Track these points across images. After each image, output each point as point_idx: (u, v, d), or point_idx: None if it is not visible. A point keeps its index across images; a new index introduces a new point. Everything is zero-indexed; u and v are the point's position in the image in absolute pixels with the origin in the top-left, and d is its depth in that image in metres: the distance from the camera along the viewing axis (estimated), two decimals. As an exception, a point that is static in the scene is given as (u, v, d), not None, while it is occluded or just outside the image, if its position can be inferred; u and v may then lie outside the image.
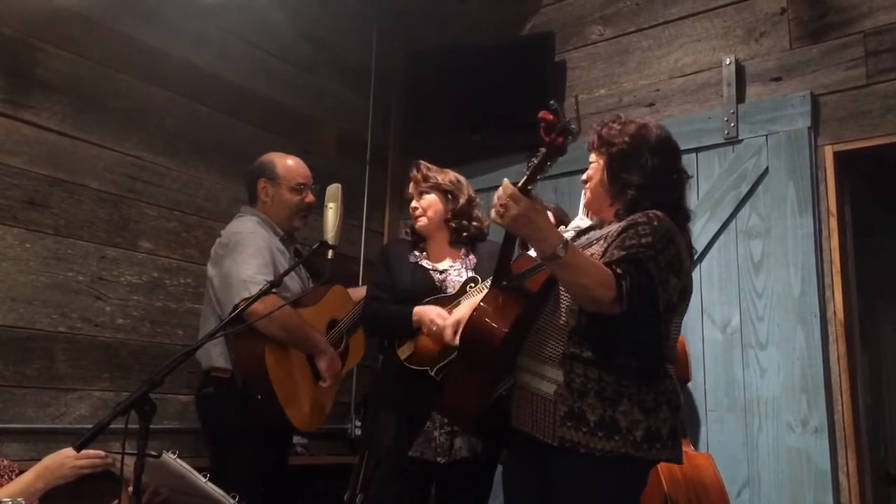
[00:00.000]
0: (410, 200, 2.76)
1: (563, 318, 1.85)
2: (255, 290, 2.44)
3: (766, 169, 3.07)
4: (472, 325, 1.89)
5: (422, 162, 2.76)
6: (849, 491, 2.77)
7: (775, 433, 2.88)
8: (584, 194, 2.07)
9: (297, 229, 2.88)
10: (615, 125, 1.98)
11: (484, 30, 4.04)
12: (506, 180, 1.72)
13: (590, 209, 2.10)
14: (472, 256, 2.67)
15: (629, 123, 1.98)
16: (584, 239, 2.04)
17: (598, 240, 1.93)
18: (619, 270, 1.73)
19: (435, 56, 3.98)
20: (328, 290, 2.87)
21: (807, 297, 2.90)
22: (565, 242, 1.69)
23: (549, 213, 2.02)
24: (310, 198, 2.85)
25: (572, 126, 1.69)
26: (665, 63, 3.47)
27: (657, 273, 1.76)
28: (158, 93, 3.15)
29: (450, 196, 2.69)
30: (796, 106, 3.05)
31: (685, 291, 1.90)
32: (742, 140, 3.16)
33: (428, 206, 2.69)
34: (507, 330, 1.83)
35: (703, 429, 3.04)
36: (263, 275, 2.53)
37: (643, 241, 1.77)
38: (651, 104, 3.47)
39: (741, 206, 3.11)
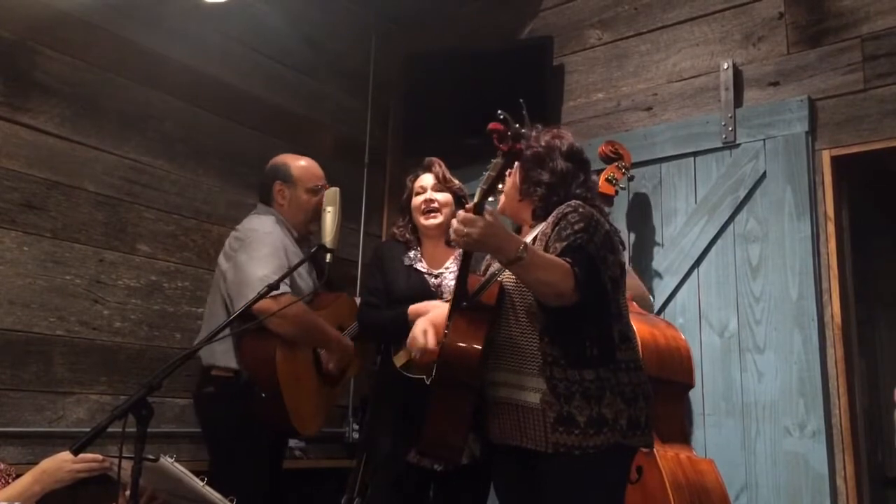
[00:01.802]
0: (419, 194, 2.66)
1: (526, 325, 1.90)
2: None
3: (764, 173, 3.08)
4: (447, 354, 1.89)
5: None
6: (846, 495, 2.77)
7: (773, 437, 2.88)
8: (500, 200, 2.14)
9: (311, 232, 2.87)
10: (531, 133, 2.09)
11: (482, 34, 4.04)
12: (460, 212, 1.77)
13: (504, 211, 2.16)
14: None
15: (546, 132, 2.10)
16: None
17: (530, 242, 1.95)
18: (568, 260, 1.80)
19: (433, 60, 3.98)
20: (336, 298, 2.87)
21: (804, 301, 2.90)
22: (524, 245, 1.74)
23: None
24: None
25: (524, 131, 1.75)
26: (663, 67, 3.48)
27: (596, 253, 1.85)
28: (157, 96, 3.15)
29: (463, 201, 2.69)
30: (794, 110, 3.05)
31: (623, 266, 1.98)
32: (740, 144, 3.16)
33: (447, 203, 2.63)
34: (481, 350, 1.85)
35: (700, 433, 3.04)
36: (279, 275, 2.52)
37: (576, 227, 1.87)
38: (649, 108, 3.48)
39: (739, 211, 3.12)
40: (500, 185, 1.80)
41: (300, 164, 2.84)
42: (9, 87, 2.71)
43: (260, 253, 2.57)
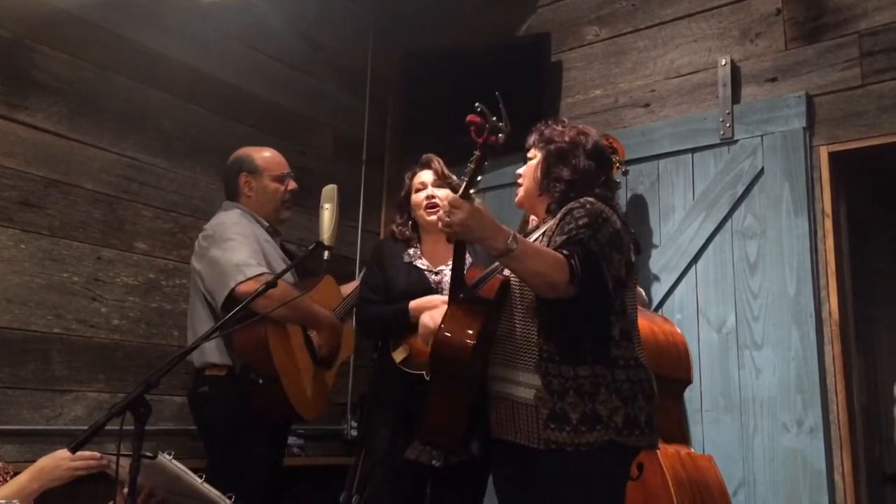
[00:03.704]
0: (419, 190, 2.64)
1: (526, 320, 1.89)
2: (250, 273, 2.46)
3: (762, 169, 3.08)
4: (440, 344, 1.88)
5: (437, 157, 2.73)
6: (844, 491, 2.77)
7: (771, 433, 2.89)
8: (517, 191, 2.13)
9: (282, 221, 2.86)
10: (557, 126, 2.07)
11: (480, 31, 4.04)
12: (446, 191, 1.77)
13: (522, 204, 2.15)
14: (467, 255, 2.65)
15: (572, 127, 2.07)
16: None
17: (538, 237, 1.97)
18: (565, 253, 1.79)
19: (431, 58, 3.98)
20: (319, 280, 2.87)
21: (802, 297, 2.91)
22: (514, 235, 1.74)
23: None
24: (292, 185, 2.83)
25: (500, 124, 1.76)
26: (661, 64, 3.48)
27: (599, 250, 1.83)
28: (155, 94, 3.15)
29: None
30: (792, 106, 3.05)
31: (631, 266, 1.96)
32: (737, 140, 3.16)
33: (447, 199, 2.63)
34: (474, 342, 1.84)
35: (698, 429, 3.04)
36: (256, 260, 2.52)
37: (580, 222, 1.85)
38: (647, 105, 3.47)
39: (737, 207, 3.12)
40: (479, 178, 1.80)
41: (264, 154, 2.83)
42: (6, 84, 2.71)
43: (231, 243, 2.57)
